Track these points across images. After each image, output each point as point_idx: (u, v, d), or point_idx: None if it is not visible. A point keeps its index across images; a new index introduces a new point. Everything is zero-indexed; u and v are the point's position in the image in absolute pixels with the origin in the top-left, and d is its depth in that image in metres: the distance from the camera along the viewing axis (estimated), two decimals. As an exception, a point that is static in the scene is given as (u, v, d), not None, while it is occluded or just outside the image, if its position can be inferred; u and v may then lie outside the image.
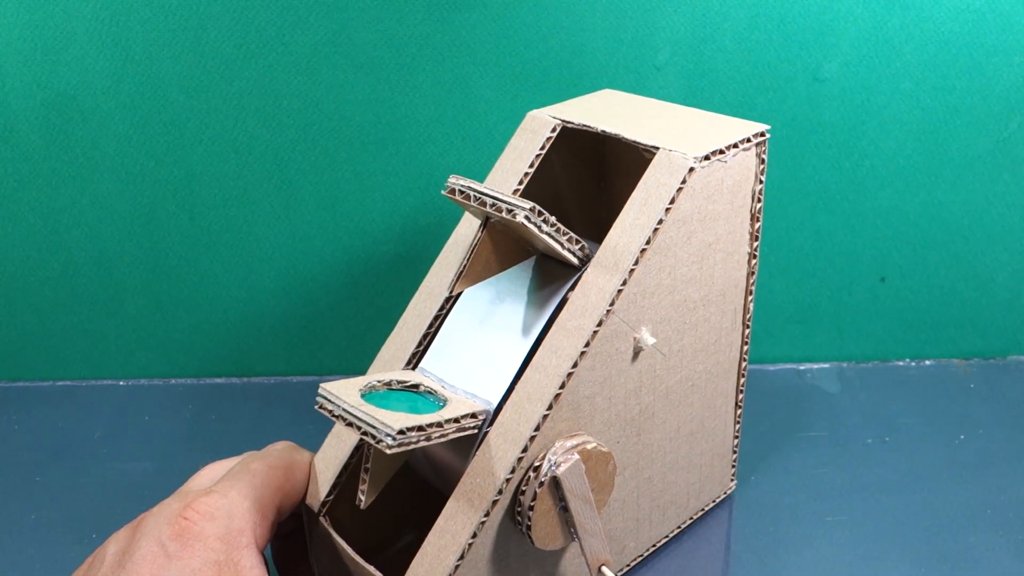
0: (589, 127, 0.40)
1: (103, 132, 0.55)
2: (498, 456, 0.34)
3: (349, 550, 0.37)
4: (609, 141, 0.40)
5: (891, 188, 0.58)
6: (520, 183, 0.40)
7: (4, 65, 0.53)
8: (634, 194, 0.37)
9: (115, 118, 0.55)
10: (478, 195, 0.34)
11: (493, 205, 0.34)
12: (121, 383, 0.63)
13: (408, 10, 0.52)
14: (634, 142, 0.38)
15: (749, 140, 0.39)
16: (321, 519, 0.38)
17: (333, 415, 0.32)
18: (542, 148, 0.40)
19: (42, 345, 0.62)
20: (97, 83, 0.54)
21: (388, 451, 0.30)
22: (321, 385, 0.33)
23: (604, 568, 0.37)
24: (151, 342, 0.62)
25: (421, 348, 0.39)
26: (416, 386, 0.36)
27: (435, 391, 0.36)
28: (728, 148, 0.37)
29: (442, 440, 0.33)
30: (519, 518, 0.35)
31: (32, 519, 0.51)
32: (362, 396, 0.33)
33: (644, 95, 0.45)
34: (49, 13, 0.52)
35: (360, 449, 0.38)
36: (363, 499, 0.35)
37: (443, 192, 0.35)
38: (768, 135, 0.39)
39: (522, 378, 0.35)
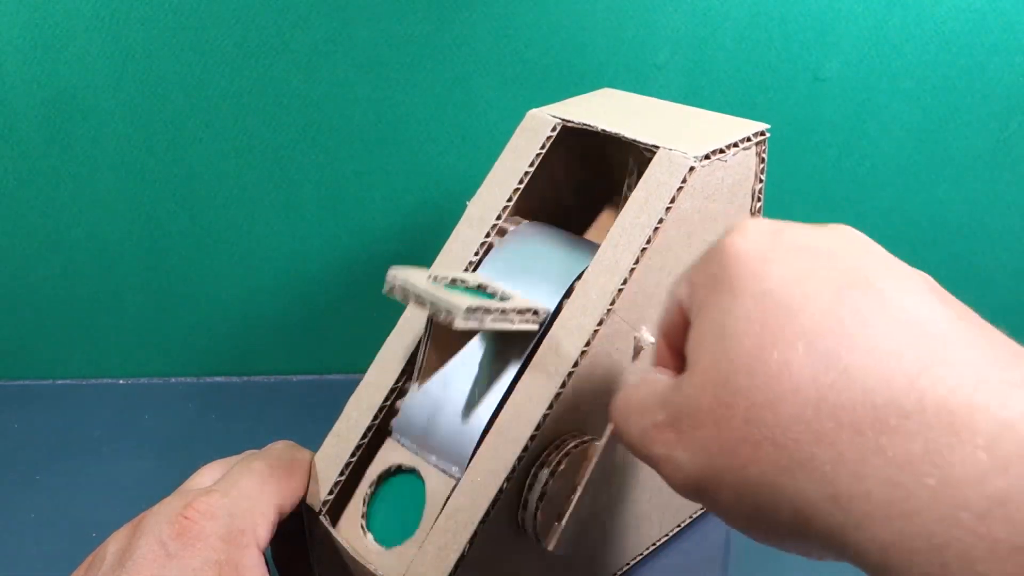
0: (589, 126, 0.40)
1: (103, 131, 0.55)
2: (498, 455, 0.34)
3: (349, 550, 0.37)
4: (609, 140, 0.40)
5: (891, 188, 0.58)
6: (520, 182, 0.40)
7: (4, 64, 0.53)
8: (634, 193, 0.37)
9: (115, 117, 0.55)
10: (416, 296, 0.33)
11: (432, 307, 0.32)
12: (121, 382, 0.63)
13: (408, 9, 0.52)
14: (634, 141, 0.38)
15: (749, 139, 0.39)
16: (321, 519, 0.38)
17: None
18: (542, 147, 0.40)
19: (42, 344, 0.62)
20: (97, 82, 0.54)
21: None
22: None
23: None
24: (151, 341, 0.62)
25: (421, 348, 0.39)
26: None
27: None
28: (728, 147, 0.37)
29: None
30: (524, 519, 0.35)
31: (32, 519, 0.51)
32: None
33: (644, 94, 0.45)
34: (49, 12, 0.52)
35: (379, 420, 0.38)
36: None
37: (383, 291, 0.33)
38: (768, 134, 0.39)
39: (522, 378, 0.35)
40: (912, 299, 0.22)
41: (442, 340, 0.36)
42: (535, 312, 0.35)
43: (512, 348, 0.36)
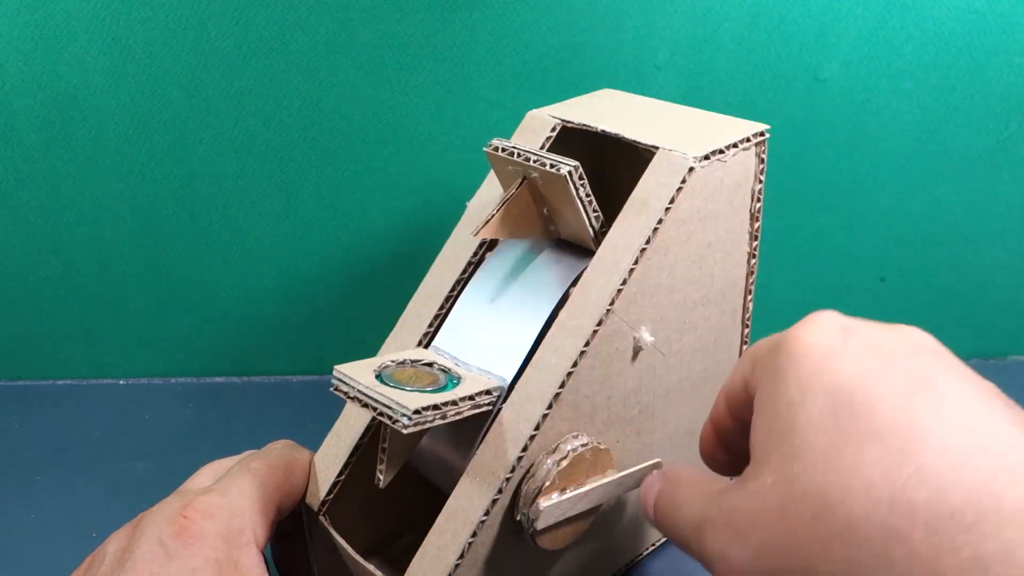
0: (589, 127, 0.40)
1: (103, 131, 0.55)
2: (498, 456, 0.34)
3: (349, 549, 0.37)
4: (609, 141, 0.40)
5: (891, 188, 0.58)
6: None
7: (4, 64, 0.53)
8: (634, 194, 0.37)
9: (115, 117, 0.55)
10: (522, 153, 0.35)
11: (537, 161, 0.35)
12: (121, 382, 0.63)
13: (408, 10, 0.52)
14: (634, 142, 0.38)
15: (749, 140, 0.39)
16: (321, 518, 0.38)
17: (348, 396, 0.32)
18: (542, 147, 0.40)
19: (42, 344, 0.62)
20: (97, 82, 0.54)
21: (405, 431, 0.30)
22: (336, 367, 0.33)
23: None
24: (151, 341, 0.62)
25: (423, 343, 0.39)
26: (430, 364, 0.36)
27: (448, 368, 0.36)
28: (728, 148, 0.37)
29: (457, 418, 0.33)
30: (523, 519, 0.35)
31: (32, 519, 0.51)
32: (376, 377, 0.33)
33: (644, 95, 0.45)
34: (49, 12, 0.52)
35: (376, 430, 0.38)
36: (382, 478, 0.35)
37: (485, 149, 0.37)
38: (768, 135, 0.39)
39: (522, 377, 0.35)
40: (981, 404, 0.23)
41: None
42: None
43: (565, 260, 0.37)
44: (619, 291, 0.35)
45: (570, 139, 0.41)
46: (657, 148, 0.37)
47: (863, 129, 0.56)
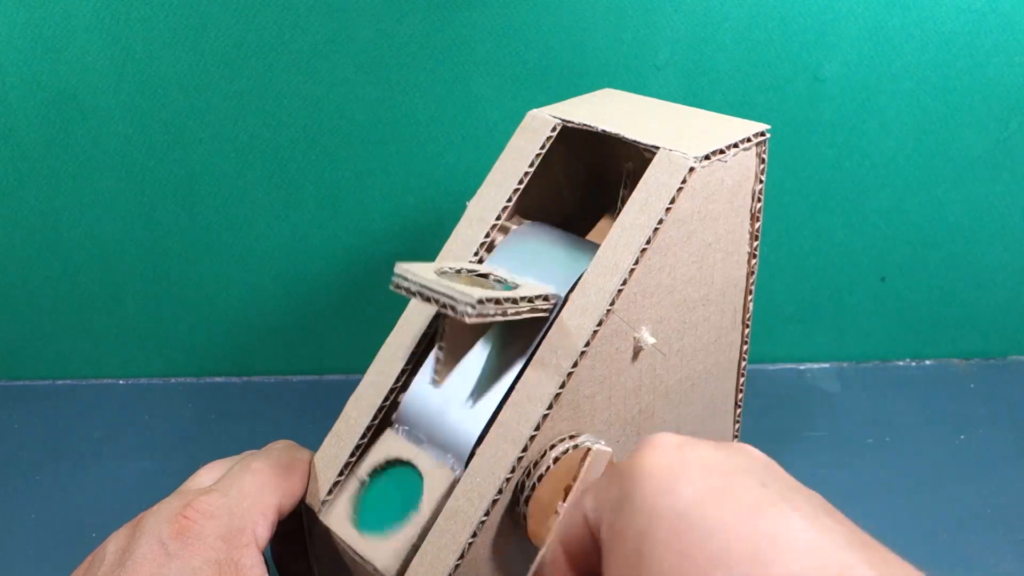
0: (589, 126, 0.40)
1: (103, 131, 0.55)
2: (498, 456, 0.34)
3: (349, 550, 0.37)
4: (609, 140, 0.40)
5: (891, 188, 0.58)
6: (520, 182, 0.40)
7: (4, 64, 0.53)
8: (634, 194, 0.37)
9: (115, 117, 0.55)
10: (425, 291, 0.32)
11: (442, 302, 0.31)
12: (121, 382, 0.63)
13: (408, 9, 0.52)
14: (634, 142, 0.38)
15: (749, 140, 0.39)
16: (321, 519, 0.38)
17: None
18: (542, 148, 0.40)
19: (42, 344, 0.62)
20: (97, 82, 0.54)
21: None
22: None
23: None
24: (151, 341, 0.62)
25: (421, 349, 0.39)
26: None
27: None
28: (728, 148, 0.37)
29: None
30: (521, 519, 0.35)
31: (32, 519, 0.51)
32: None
33: (644, 94, 0.45)
34: (49, 12, 0.52)
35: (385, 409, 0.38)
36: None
37: (391, 287, 0.33)
38: (768, 135, 0.39)
39: (522, 377, 0.35)
40: (816, 524, 0.24)
41: (454, 333, 0.36)
42: (546, 298, 0.35)
43: (518, 341, 0.36)
44: (619, 291, 0.35)
45: (570, 139, 0.41)
46: (657, 148, 0.37)
47: (863, 129, 0.56)
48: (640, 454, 0.27)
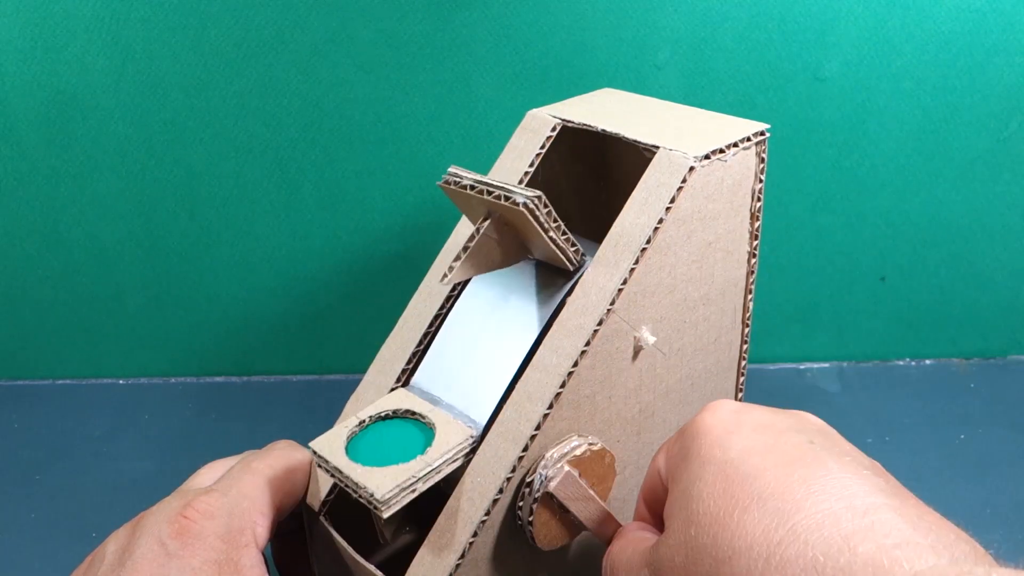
0: (589, 126, 0.40)
1: (103, 131, 0.55)
2: (498, 455, 0.34)
3: (349, 549, 0.37)
4: (609, 140, 0.40)
5: (891, 188, 0.58)
6: (520, 182, 0.40)
7: (4, 64, 0.53)
8: (634, 193, 0.37)
9: (115, 117, 0.55)
10: (476, 185, 0.34)
11: (493, 193, 0.34)
12: (121, 382, 0.63)
13: (408, 9, 0.52)
14: (634, 141, 0.38)
15: (749, 139, 0.39)
16: (321, 519, 0.38)
17: (331, 476, 0.33)
18: (542, 147, 0.40)
19: (42, 344, 0.62)
20: (97, 82, 0.54)
21: (383, 515, 0.31)
22: (311, 444, 0.33)
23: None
24: (151, 341, 0.62)
25: (421, 348, 0.39)
26: (408, 412, 0.36)
27: (422, 416, 0.36)
28: (728, 147, 0.37)
29: (437, 478, 0.33)
30: (519, 523, 0.35)
31: (32, 519, 0.51)
32: (348, 444, 0.34)
33: (644, 94, 0.45)
34: (49, 12, 0.52)
35: None
36: (388, 537, 0.36)
37: (439, 184, 0.35)
38: (768, 134, 0.39)
39: (522, 377, 0.35)
40: (853, 475, 0.26)
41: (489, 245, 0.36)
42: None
43: (548, 290, 0.37)
44: (620, 291, 0.35)
45: (570, 138, 0.41)
46: (657, 147, 0.37)
47: (863, 129, 0.56)
48: (701, 416, 0.30)
